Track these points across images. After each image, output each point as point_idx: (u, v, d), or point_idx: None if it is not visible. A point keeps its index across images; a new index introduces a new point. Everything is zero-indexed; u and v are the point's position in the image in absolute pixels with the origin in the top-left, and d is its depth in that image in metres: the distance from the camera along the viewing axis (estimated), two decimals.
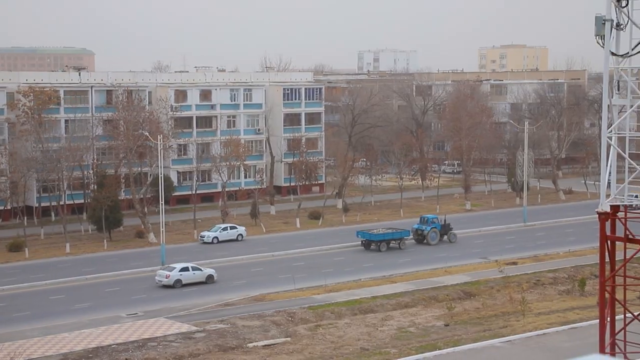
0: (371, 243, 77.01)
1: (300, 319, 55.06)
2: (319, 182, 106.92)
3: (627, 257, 27.02)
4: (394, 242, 77.71)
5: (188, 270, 64.45)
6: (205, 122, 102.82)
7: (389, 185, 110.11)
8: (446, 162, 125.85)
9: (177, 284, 63.53)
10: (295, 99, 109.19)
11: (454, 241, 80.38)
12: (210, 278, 64.97)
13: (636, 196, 28.55)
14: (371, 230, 78.74)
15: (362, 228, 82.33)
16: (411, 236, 79.60)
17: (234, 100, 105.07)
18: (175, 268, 64.49)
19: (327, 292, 61.53)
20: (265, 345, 50.02)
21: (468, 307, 58.17)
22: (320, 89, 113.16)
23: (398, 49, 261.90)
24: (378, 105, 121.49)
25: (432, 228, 79.49)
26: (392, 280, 65.49)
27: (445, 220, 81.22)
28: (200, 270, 65.17)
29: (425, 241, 79.33)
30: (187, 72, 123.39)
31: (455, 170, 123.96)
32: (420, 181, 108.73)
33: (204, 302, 59.41)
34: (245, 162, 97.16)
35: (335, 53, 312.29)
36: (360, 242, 77.94)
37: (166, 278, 63.76)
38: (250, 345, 50.04)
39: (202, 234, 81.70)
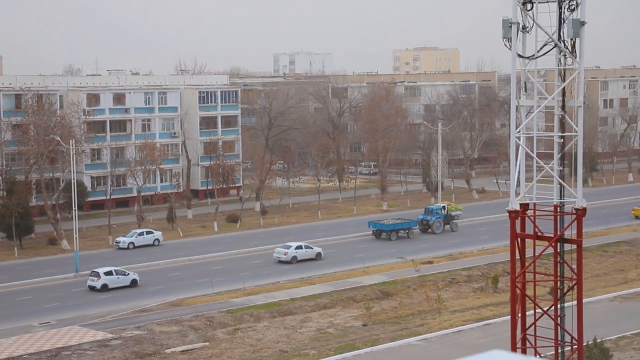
0: (382, 232, 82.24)
1: (219, 323, 54.72)
2: (237, 185, 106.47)
3: (537, 253, 27.74)
4: (403, 231, 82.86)
5: (302, 248, 73.58)
6: (119, 126, 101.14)
7: (306, 187, 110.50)
8: (362, 163, 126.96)
9: (294, 260, 72.39)
10: (211, 102, 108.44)
11: (456, 230, 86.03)
12: (318, 255, 73.82)
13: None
14: (382, 221, 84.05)
15: (285, 230, 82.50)
16: (417, 226, 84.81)
17: (149, 104, 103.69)
18: (291, 246, 73.39)
19: (245, 296, 61.33)
20: (183, 351, 49.52)
21: (386, 306, 58.82)
22: (236, 91, 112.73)
23: (313, 52, 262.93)
24: (294, 107, 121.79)
25: (436, 218, 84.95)
26: (310, 281, 65.70)
27: (447, 211, 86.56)
28: (311, 248, 74.46)
29: (430, 230, 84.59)
30: (100, 75, 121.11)
31: (371, 172, 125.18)
32: (338, 183, 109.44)
33: (120, 309, 58.41)
34: (161, 166, 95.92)
35: (250, 56, 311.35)
36: (371, 232, 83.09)
37: (284, 255, 72.63)
38: (168, 351, 49.46)
39: (118, 239, 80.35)
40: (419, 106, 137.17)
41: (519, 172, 27.38)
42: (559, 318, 27.51)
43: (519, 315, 27.19)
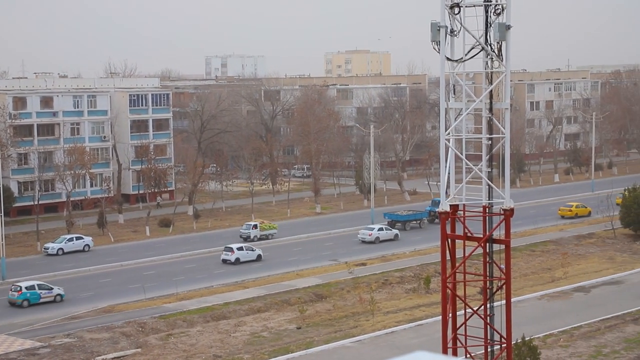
0: (397, 222, 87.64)
1: (151, 328, 54.05)
2: (169, 189, 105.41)
3: (467, 254, 28.12)
4: (415, 222, 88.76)
5: (383, 230, 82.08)
6: (47, 130, 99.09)
7: (239, 190, 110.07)
8: (296, 166, 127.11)
9: (377, 240, 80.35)
10: (142, 105, 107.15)
11: None
12: (396, 236, 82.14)
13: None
14: (396, 212, 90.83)
15: (218, 234, 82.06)
16: (427, 217, 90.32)
17: (78, 107, 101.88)
18: (374, 228, 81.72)
19: (178, 301, 60.72)
20: (114, 358, 48.78)
21: (320, 309, 58.93)
22: (168, 94, 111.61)
23: (246, 54, 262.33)
24: (227, 110, 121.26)
25: None
26: (244, 285, 65.42)
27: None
28: (390, 230, 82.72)
29: (436, 221, 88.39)
30: (26, 78, 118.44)
31: (305, 174, 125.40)
32: (271, 186, 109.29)
33: (49, 317, 57.19)
34: (91, 171, 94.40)
35: (182, 58, 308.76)
36: (387, 222, 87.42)
37: (369, 236, 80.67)
38: (99, 358, 48.66)
39: (46, 245, 78.66)
40: (351, 109, 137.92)
41: (449, 173, 27.70)
42: (488, 317, 27.94)
43: (450, 315, 27.54)
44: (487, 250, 28.05)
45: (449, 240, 27.93)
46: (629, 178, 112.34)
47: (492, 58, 27.10)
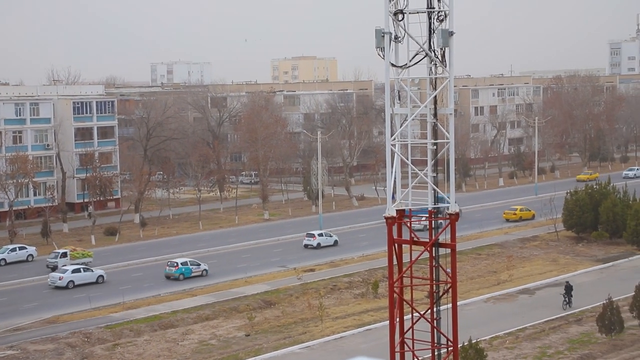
0: None
1: (97, 339, 53.31)
2: (115, 197, 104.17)
3: (413, 258, 28.32)
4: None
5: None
6: None
7: (187, 197, 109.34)
8: (243, 172, 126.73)
9: (425, 229, 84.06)
10: (87, 113, 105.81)
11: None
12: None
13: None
14: None
15: (165, 242, 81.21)
16: None
17: (20, 115, 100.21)
18: None
19: (125, 310, 59.99)
20: None
21: (268, 315, 58.80)
22: (113, 102, 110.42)
23: (192, 61, 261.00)
24: (173, 117, 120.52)
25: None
26: (192, 293, 64.94)
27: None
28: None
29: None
30: None
31: (252, 181, 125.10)
32: (219, 192, 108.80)
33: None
34: (34, 179, 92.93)
35: (127, 65, 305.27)
36: None
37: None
38: None
39: None
40: (298, 115, 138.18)
41: (395, 179, 27.87)
42: (435, 321, 28.17)
43: (397, 319, 27.69)
44: (434, 255, 28.30)
45: (396, 245, 28.10)
46: (571, 181, 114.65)
47: (435, 64, 27.37)
